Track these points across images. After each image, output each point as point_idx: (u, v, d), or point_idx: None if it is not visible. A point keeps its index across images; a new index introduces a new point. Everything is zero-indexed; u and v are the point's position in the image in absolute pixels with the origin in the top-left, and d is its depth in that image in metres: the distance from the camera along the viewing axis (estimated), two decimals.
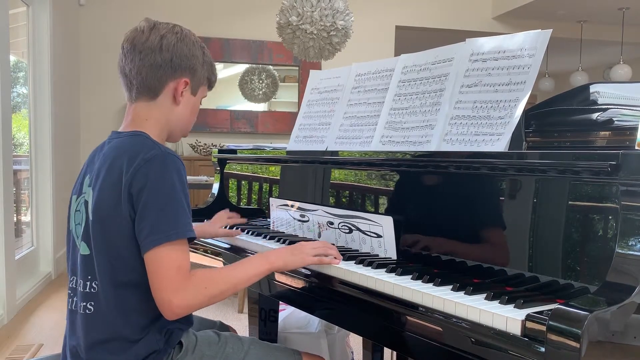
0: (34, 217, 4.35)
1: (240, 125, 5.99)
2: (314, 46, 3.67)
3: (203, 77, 1.31)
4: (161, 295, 1.10)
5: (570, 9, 6.24)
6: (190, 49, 1.26)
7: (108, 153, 1.21)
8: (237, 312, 3.48)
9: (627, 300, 0.86)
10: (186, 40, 1.25)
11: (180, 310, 1.12)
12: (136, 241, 1.13)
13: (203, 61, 1.29)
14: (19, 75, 4.37)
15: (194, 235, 1.15)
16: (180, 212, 1.13)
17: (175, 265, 1.11)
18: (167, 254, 1.10)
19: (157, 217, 1.11)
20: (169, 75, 1.24)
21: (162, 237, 1.10)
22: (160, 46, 1.22)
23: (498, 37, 1.35)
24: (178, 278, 1.10)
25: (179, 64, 1.24)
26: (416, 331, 1.07)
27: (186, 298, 1.11)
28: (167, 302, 1.10)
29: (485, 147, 1.25)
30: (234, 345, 1.29)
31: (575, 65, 7.47)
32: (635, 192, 0.94)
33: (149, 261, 1.11)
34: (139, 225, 1.12)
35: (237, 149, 2.11)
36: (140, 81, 1.23)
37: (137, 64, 1.22)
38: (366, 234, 1.40)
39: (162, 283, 1.10)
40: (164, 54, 1.22)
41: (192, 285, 1.12)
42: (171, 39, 1.23)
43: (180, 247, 1.12)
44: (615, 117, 1.43)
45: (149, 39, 1.22)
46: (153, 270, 1.11)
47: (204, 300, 1.14)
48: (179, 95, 1.26)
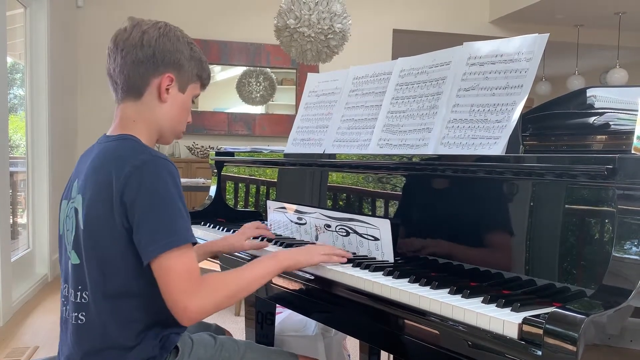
0: (30, 219, 4.34)
1: (238, 128, 5.99)
2: (312, 49, 3.68)
3: (191, 74, 1.25)
4: (175, 302, 1.07)
5: (567, 13, 6.26)
6: (174, 44, 1.21)
7: (96, 159, 1.18)
8: (234, 314, 3.48)
9: (623, 304, 0.86)
10: (169, 35, 1.21)
11: (196, 315, 1.09)
12: (132, 250, 1.10)
13: (190, 56, 1.24)
14: (16, 77, 4.36)
15: (195, 240, 1.13)
16: (179, 217, 1.10)
17: (186, 270, 1.07)
18: (174, 261, 1.07)
19: (156, 225, 1.08)
20: (151, 71, 1.19)
21: (165, 244, 1.06)
22: (142, 42, 1.18)
23: (495, 41, 1.35)
24: (190, 283, 1.07)
25: (161, 59, 1.19)
26: (413, 334, 1.07)
27: (201, 302, 1.08)
28: (182, 308, 1.07)
29: (482, 150, 1.26)
30: (230, 348, 1.29)
31: (572, 69, 7.48)
32: (631, 196, 0.95)
33: (157, 269, 1.07)
34: (138, 234, 1.08)
35: (235, 152, 2.10)
36: (124, 80, 1.19)
37: (119, 62, 1.19)
38: (363, 237, 1.40)
39: (174, 289, 1.06)
40: (145, 50, 1.18)
41: (205, 288, 1.09)
42: (153, 33, 1.19)
43: (186, 251, 1.09)
44: (612, 121, 1.43)
45: (130, 35, 1.18)
46: (163, 278, 1.07)
47: (219, 303, 1.11)
48: (163, 92, 1.21)
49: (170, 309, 1.08)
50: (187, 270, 1.08)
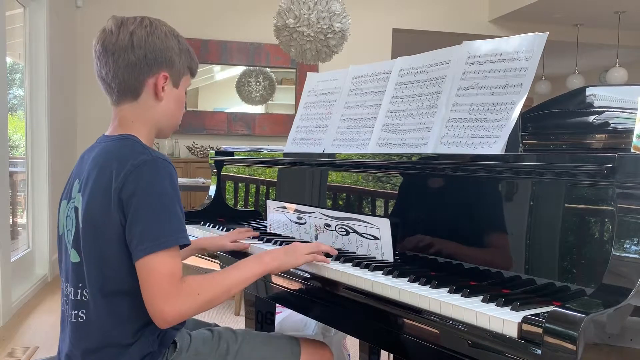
0: (29, 219, 4.34)
1: (237, 128, 5.99)
2: (311, 49, 3.68)
3: (183, 67, 1.25)
4: (153, 304, 1.08)
5: (566, 12, 6.26)
6: (163, 41, 1.20)
7: (97, 158, 1.18)
8: (234, 314, 3.48)
9: (623, 303, 0.86)
10: (157, 33, 1.20)
11: (172, 318, 1.09)
12: (128, 249, 1.11)
13: (179, 50, 1.24)
14: (16, 77, 4.36)
15: (187, 241, 1.13)
16: (173, 218, 1.10)
17: (167, 273, 1.08)
18: (158, 262, 1.07)
19: (148, 224, 1.08)
20: (145, 72, 1.19)
21: (153, 245, 1.07)
22: (132, 43, 1.17)
23: (495, 40, 1.35)
24: (170, 286, 1.07)
25: (154, 59, 1.19)
26: (413, 334, 1.07)
27: (178, 306, 1.08)
28: (159, 311, 1.07)
29: (481, 149, 1.26)
30: (228, 338, 1.29)
31: (571, 68, 7.48)
32: (631, 195, 0.95)
33: (141, 269, 1.08)
34: (130, 233, 1.09)
35: (234, 151, 2.10)
36: (119, 84, 1.19)
37: (112, 66, 1.18)
38: (363, 237, 1.40)
39: (153, 292, 1.07)
40: (137, 51, 1.17)
41: (184, 292, 1.09)
42: (141, 34, 1.18)
43: (172, 254, 1.09)
44: (611, 120, 1.43)
45: (118, 37, 1.18)
46: (144, 279, 1.08)
47: (197, 307, 1.11)
48: (160, 90, 1.21)
49: (148, 310, 1.09)
50: (169, 274, 1.08)
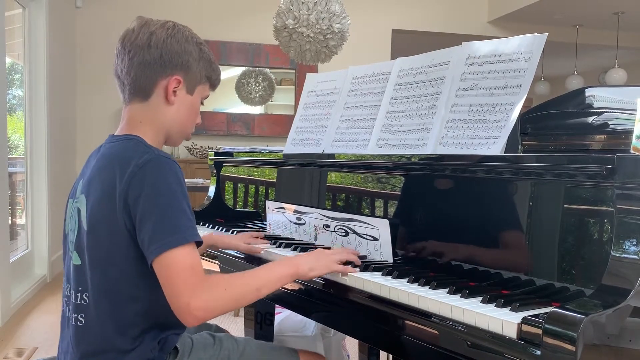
0: (29, 219, 4.33)
1: (237, 128, 6.00)
2: (311, 49, 3.68)
3: (200, 75, 1.23)
4: (178, 300, 1.03)
5: (566, 13, 6.27)
6: (182, 45, 1.19)
7: (101, 159, 1.17)
8: (233, 315, 3.47)
9: (622, 304, 0.86)
10: (178, 36, 1.19)
11: (200, 313, 1.03)
12: (135, 252, 1.08)
13: (199, 57, 1.22)
14: (15, 78, 4.36)
15: (200, 239, 1.09)
16: (182, 216, 1.07)
17: (189, 266, 1.03)
18: (177, 257, 1.03)
19: (159, 223, 1.05)
20: (158, 72, 1.17)
21: (168, 243, 1.03)
22: (149, 43, 1.16)
23: (494, 41, 1.35)
24: (194, 279, 1.03)
25: (169, 61, 1.17)
26: (412, 334, 1.07)
27: (205, 297, 1.03)
28: (185, 305, 1.02)
29: (481, 150, 1.26)
30: (229, 346, 1.28)
31: (570, 69, 7.49)
32: (630, 196, 0.95)
33: (159, 268, 1.04)
34: (141, 234, 1.06)
35: (234, 152, 2.10)
36: (131, 81, 1.18)
37: (127, 63, 1.17)
38: (362, 237, 1.40)
39: (177, 286, 1.03)
40: (153, 51, 1.16)
41: (209, 284, 1.04)
42: (161, 35, 1.17)
43: (189, 249, 1.05)
44: (611, 120, 1.43)
45: (138, 36, 1.17)
46: (164, 276, 1.04)
47: (224, 303, 1.06)
48: (170, 94, 1.19)
49: (173, 307, 1.05)
50: (191, 266, 1.04)
